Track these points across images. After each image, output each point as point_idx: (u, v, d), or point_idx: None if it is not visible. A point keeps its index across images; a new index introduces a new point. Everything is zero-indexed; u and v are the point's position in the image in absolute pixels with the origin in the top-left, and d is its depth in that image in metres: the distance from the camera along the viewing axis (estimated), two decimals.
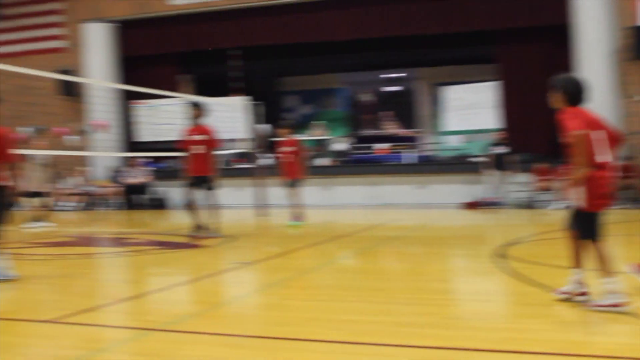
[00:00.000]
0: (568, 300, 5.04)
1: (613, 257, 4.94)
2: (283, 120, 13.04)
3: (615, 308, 4.72)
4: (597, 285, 4.89)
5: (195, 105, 10.58)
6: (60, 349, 4.19)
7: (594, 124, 5.04)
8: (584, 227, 5.05)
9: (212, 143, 10.47)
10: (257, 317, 5.30)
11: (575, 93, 5.16)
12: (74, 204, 19.93)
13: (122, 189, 18.74)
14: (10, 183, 6.73)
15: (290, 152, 11.96)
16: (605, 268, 4.88)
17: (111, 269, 8.16)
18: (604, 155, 4.99)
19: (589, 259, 5.01)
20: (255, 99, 17.80)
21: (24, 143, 11.81)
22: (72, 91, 21.14)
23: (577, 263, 5.15)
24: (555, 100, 5.17)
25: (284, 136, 12.12)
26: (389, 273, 7.47)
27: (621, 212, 12.35)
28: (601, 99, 16.39)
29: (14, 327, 4.84)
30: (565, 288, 5.17)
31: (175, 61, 21.74)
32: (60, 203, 18.90)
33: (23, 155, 7.00)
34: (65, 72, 19.81)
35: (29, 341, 4.44)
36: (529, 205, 16.20)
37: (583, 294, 5.04)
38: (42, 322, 4.84)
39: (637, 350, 3.82)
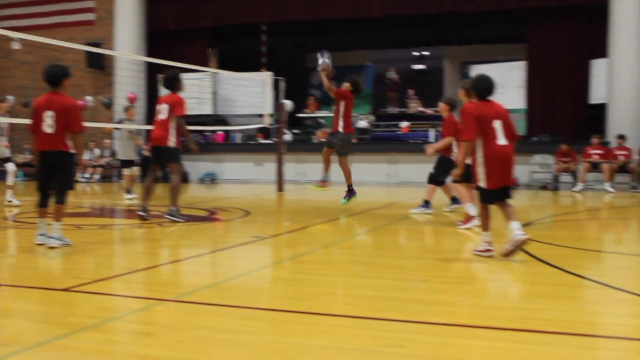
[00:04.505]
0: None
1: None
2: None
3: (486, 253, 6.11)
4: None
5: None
6: (74, 317, 4.25)
7: (494, 115, 6.02)
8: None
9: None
10: (271, 290, 5.33)
11: (481, 88, 6.16)
12: (89, 175, 20.18)
13: (142, 162, 18.96)
14: (74, 151, 6.88)
15: None
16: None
17: (126, 241, 8.24)
18: (502, 140, 5.99)
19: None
20: (281, 75, 17.81)
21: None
22: (100, 64, 21.29)
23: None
24: (465, 96, 6.59)
25: None
26: (404, 250, 7.48)
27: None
28: (633, 79, 16.18)
29: (30, 294, 4.92)
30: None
31: (202, 36, 21.78)
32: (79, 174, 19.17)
33: (85, 126, 7.13)
34: (94, 44, 19.96)
35: (44, 308, 4.51)
36: (549, 186, 16.08)
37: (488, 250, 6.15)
38: (56, 291, 4.91)
39: None
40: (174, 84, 9.44)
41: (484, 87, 6.17)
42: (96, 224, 9.45)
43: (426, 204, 10.16)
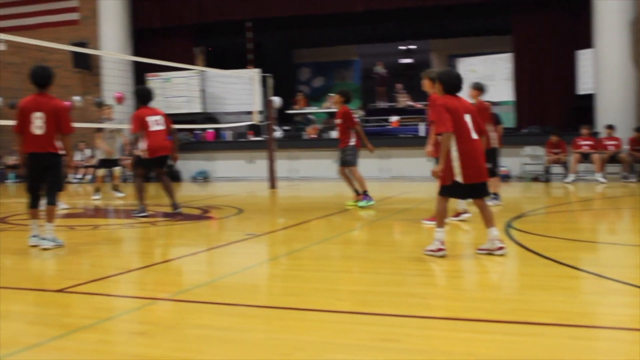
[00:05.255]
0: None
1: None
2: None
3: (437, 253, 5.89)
4: None
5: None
6: (70, 317, 4.26)
7: (464, 109, 6.00)
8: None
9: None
10: (265, 287, 5.34)
11: (450, 84, 6.07)
12: (81, 175, 20.13)
13: (134, 161, 18.91)
14: (63, 153, 6.88)
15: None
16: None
17: (121, 240, 8.23)
18: (474, 134, 5.96)
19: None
20: (268, 71, 17.78)
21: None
22: (86, 64, 21.19)
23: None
24: (430, 87, 6.44)
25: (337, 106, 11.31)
26: (397, 245, 7.49)
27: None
28: (619, 69, 16.26)
29: (25, 295, 4.93)
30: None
31: (188, 33, 21.70)
32: (70, 175, 19.10)
33: (74, 127, 7.20)
34: (80, 44, 19.88)
35: (40, 310, 4.51)
36: (540, 178, 16.14)
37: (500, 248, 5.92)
38: (51, 292, 4.91)
39: None
40: (151, 97, 10.18)
41: (454, 84, 6.07)
42: (89, 224, 9.43)
43: (495, 196, 10.06)
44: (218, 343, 3.60)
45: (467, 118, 5.97)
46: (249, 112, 17.38)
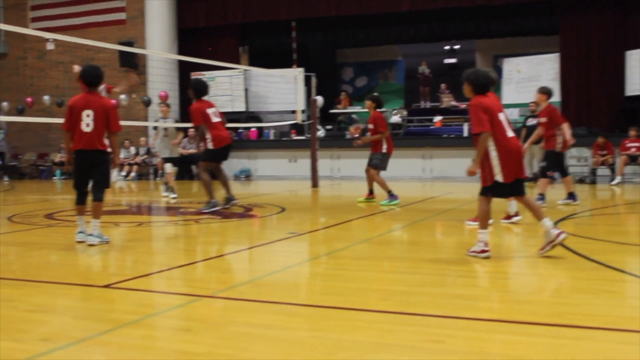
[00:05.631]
0: None
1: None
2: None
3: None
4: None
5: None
6: (115, 313, 4.31)
7: (498, 107, 5.99)
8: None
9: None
10: (308, 286, 5.35)
11: (479, 83, 6.01)
12: (125, 173, 20.41)
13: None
14: (110, 150, 7.01)
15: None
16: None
17: (164, 238, 8.32)
18: (510, 132, 5.95)
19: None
20: (311, 71, 17.82)
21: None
22: (132, 63, 21.49)
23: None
24: (466, 90, 6.15)
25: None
26: (441, 245, 7.44)
27: None
28: None
29: (73, 290, 5.00)
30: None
31: (233, 33, 21.87)
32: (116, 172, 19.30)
33: (122, 125, 7.34)
34: (126, 44, 20.18)
35: (86, 305, 4.58)
36: (586, 180, 15.89)
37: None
38: (98, 287, 4.98)
39: None
40: (206, 90, 10.49)
41: (482, 83, 6.02)
42: (134, 221, 9.56)
43: (541, 197, 10.06)
44: (262, 341, 3.61)
45: (502, 116, 5.96)
46: (292, 112, 17.45)
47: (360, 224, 9.07)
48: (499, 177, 5.87)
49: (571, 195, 10.45)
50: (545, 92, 9.83)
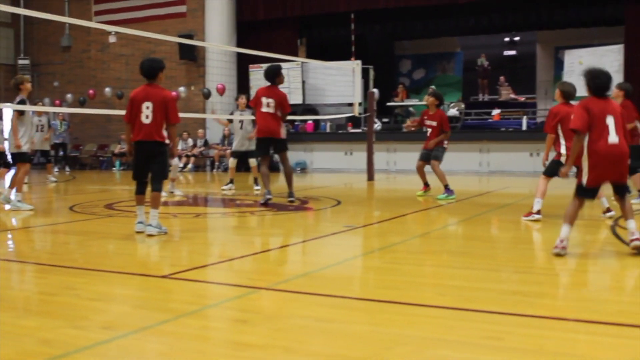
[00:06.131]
0: None
1: None
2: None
3: None
4: None
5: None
6: (174, 303, 4.37)
7: (608, 111, 5.75)
8: None
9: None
10: (364, 280, 5.33)
11: (594, 85, 5.84)
12: (182, 165, 20.66)
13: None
14: (168, 142, 7.12)
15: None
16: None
17: (221, 229, 8.40)
18: (615, 137, 5.69)
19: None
20: (369, 63, 17.74)
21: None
22: (192, 55, 21.75)
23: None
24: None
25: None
26: (497, 240, 7.34)
27: None
28: None
29: (132, 280, 5.09)
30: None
31: (291, 26, 21.92)
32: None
33: (180, 117, 7.42)
34: (186, 36, 20.43)
35: (145, 294, 4.65)
36: None
37: None
38: (156, 277, 5.05)
39: None
40: (274, 77, 10.14)
41: (598, 86, 5.87)
42: (191, 212, 9.68)
43: None
44: (319, 334, 3.61)
45: (610, 120, 5.75)
46: (349, 104, 17.40)
47: (416, 218, 9.02)
48: (584, 179, 5.80)
49: None
50: (623, 88, 9.68)
